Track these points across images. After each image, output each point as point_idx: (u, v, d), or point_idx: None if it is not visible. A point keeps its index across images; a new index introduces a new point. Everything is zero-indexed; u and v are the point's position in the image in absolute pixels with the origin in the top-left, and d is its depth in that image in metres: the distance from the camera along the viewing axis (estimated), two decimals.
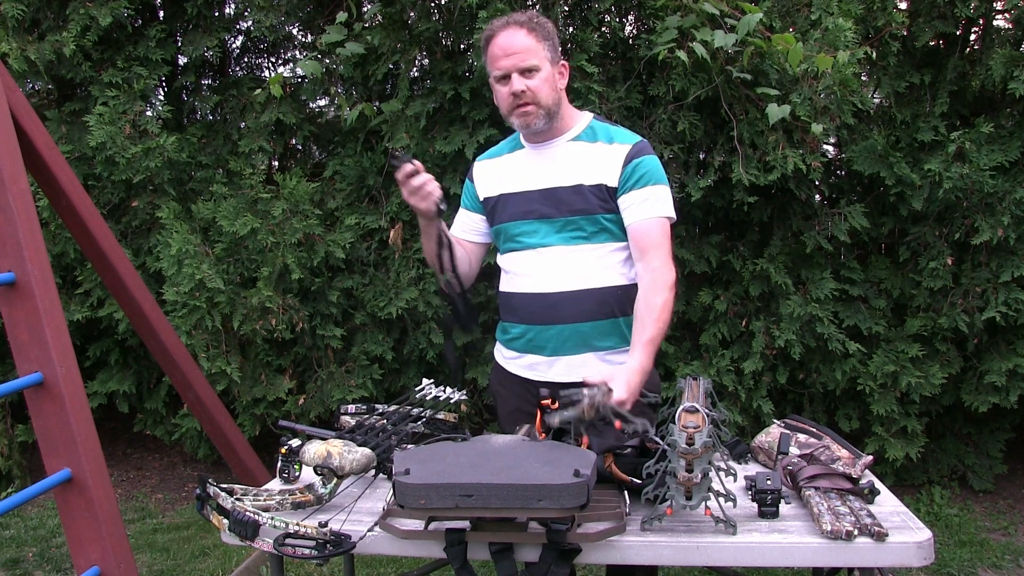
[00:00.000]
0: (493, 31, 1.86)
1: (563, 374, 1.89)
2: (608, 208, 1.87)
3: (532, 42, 1.83)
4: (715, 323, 3.49)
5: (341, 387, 3.60)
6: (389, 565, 3.23)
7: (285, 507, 1.63)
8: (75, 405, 1.95)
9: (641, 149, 1.89)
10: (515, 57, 1.82)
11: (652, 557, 1.47)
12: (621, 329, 1.91)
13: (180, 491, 4.18)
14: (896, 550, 1.40)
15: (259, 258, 3.56)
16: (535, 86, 1.83)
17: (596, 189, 1.87)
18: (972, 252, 3.38)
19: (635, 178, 1.86)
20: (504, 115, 1.92)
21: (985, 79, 3.34)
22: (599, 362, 1.89)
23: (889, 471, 3.49)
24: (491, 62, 1.87)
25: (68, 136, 3.86)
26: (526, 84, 1.83)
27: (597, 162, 1.89)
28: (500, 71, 1.85)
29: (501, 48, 1.83)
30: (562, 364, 1.89)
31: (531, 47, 1.82)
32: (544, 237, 1.89)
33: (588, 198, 1.87)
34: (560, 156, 1.92)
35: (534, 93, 1.83)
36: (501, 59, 1.84)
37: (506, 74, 1.84)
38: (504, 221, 1.96)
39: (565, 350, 1.89)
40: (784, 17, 3.26)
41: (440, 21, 3.50)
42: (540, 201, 1.90)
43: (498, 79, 1.87)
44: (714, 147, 3.32)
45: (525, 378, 1.95)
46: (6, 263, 1.99)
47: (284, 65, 4.41)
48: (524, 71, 1.82)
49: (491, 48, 1.86)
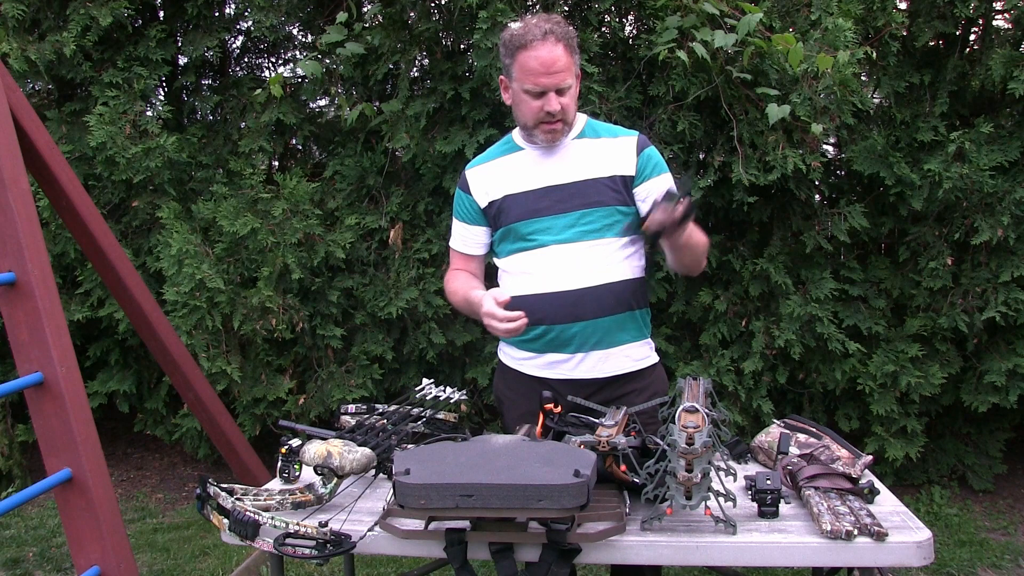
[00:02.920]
0: (528, 40, 1.79)
1: (587, 370, 1.90)
2: (622, 200, 1.88)
3: (569, 59, 1.81)
4: (715, 323, 3.49)
5: (341, 387, 3.60)
6: (389, 565, 3.23)
7: (285, 507, 1.63)
8: (75, 405, 1.95)
9: (646, 140, 1.94)
10: (556, 77, 1.79)
11: (652, 557, 1.47)
12: (638, 321, 1.94)
13: (180, 491, 4.18)
14: (896, 550, 1.41)
15: (259, 258, 3.56)
16: (567, 104, 1.83)
17: (610, 181, 1.88)
18: (972, 252, 3.39)
19: (650, 167, 1.91)
20: (523, 123, 1.89)
21: (985, 79, 3.34)
22: (621, 356, 1.91)
23: (889, 471, 3.49)
24: (524, 73, 1.81)
25: (68, 136, 3.87)
26: (561, 103, 1.81)
27: (608, 155, 1.89)
28: (538, 87, 1.80)
29: (542, 64, 1.78)
30: (586, 360, 1.90)
31: (569, 66, 1.81)
32: (558, 233, 1.87)
33: (602, 190, 1.87)
34: (567, 154, 1.91)
35: (565, 111, 1.83)
36: (541, 76, 1.79)
37: (543, 91, 1.81)
38: (512, 221, 1.92)
39: (589, 346, 1.89)
40: (784, 17, 3.27)
41: (440, 21, 3.51)
42: (550, 197, 1.89)
43: (531, 93, 1.82)
44: (714, 147, 3.32)
45: (540, 378, 1.94)
46: (6, 263, 1.99)
47: (284, 65, 4.41)
48: (559, 90, 1.81)
49: (526, 60, 1.79)
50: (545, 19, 1.83)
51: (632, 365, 1.94)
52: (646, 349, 1.99)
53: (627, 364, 1.93)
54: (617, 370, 1.92)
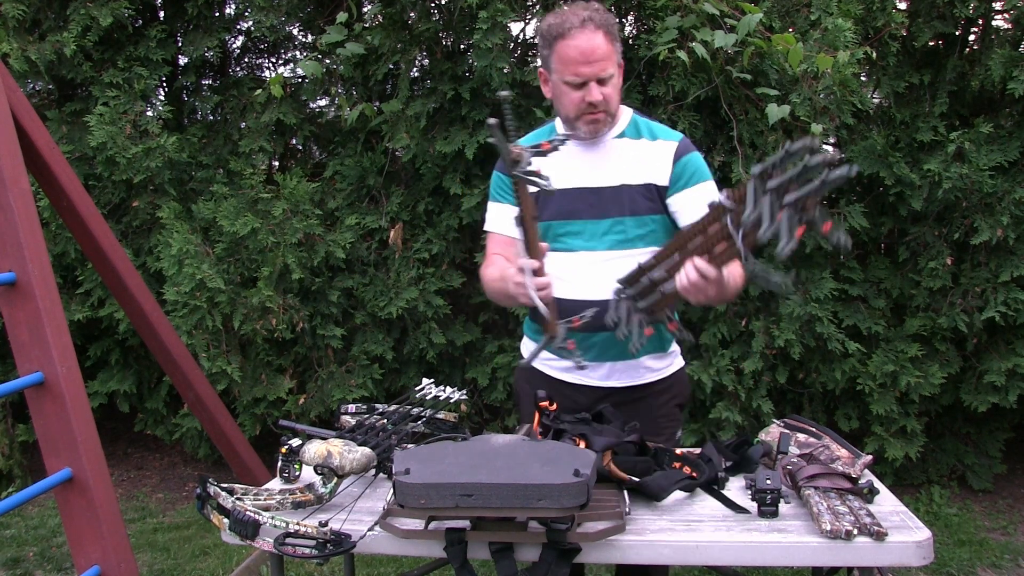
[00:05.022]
0: (566, 28, 1.72)
1: (603, 378, 1.89)
2: (655, 209, 1.83)
3: (609, 47, 1.73)
4: (715, 323, 3.49)
5: (341, 387, 3.60)
6: (389, 564, 3.23)
7: (285, 506, 1.63)
8: (76, 405, 1.96)
9: (687, 146, 1.86)
10: (597, 66, 1.73)
11: (651, 557, 1.47)
12: (661, 333, 1.89)
13: (180, 490, 4.18)
14: (895, 550, 1.40)
15: (259, 258, 3.56)
16: (609, 94, 1.77)
17: (644, 189, 1.82)
18: (971, 252, 3.39)
19: (686, 176, 1.82)
20: (565, 117, 1.83)
21: (984, 79, 3.34)
22: (641, 368, 1.90)
23: (888, 471, 3.49)
24: (563, 63, 1.74)
25: (69, 136, 3.87)
26: (603, 93, 1.75)
27: (644, 160, 1.83)
28: (578, 78, 1.74)
29: (582, 53, 1.71)
30: (605, 369, 1.89)
31: (610, 54, 1.74)
32: (589, 240, 1.84)
33: (636, 199, 1.82)
34: (608, 154, 1.85)
35: (607, 102, 1.77)
36: (581, 65, 1.72)
37: (584, 81, 1.75)
38: (548, 219, 1.84)
39: (609, 356, 1.87)
40: (784, 17, 3.27)
41: (440, 21, 3.51)
42: (587, 200, 1.84)
43: (572, 84, 1.76)
44: (714, 147, 3.32)
45: (563, 380, 1.93)
46: (7, 263, 2.00)
47: (284, 65, 4.42)
48: (600, 80, 1.74)
49: (565, 49, 1.73)
50: (583, 6, 1.75)
51: (651, 376, 1.93)
52: (668, 359, 1.97)
53: (646, 375, 1.92)
54: (634, 380, 1.91)
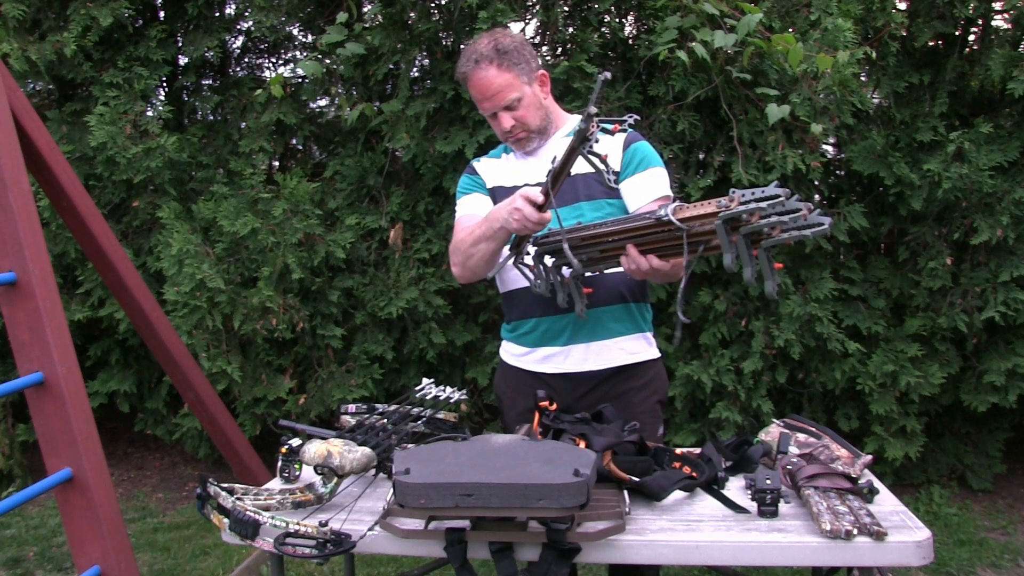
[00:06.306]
0: (465, 72, 1.87)
1: (579, 363, 1.91)
2: (610, 194, 1.88)
3: (504, 76, 1.84)
4: (715, 323, 3.49)
5: (341, 387, 3.60)
6: (389, 564, 3.24)
7: (285, 506, 1.63)
8: (76, 405, 1.96)
9: (635, 136, 1.93)
10: (495, 99, 1.85)
11: (652, 556, 1.47)
12: (633, 314, 1.94)
13: (180, 490, 4.18)
14: (895, 549, 1.41)
15: (259, 258, 3.56)
16: (521, 115, 1.87)
17: (597, 175, 1.83)
18: (971, 252, 3.39)
19: (636, 162, 1.89)
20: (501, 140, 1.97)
21: (984, 79, 3.34)
22: (615, 348, 1.91)
23: (888, 470, 3.50)
24: (475, 101, 1.91)
25: (69, 136, 3.87)
26: (513, 118, 1.87)
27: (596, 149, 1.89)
28: (486, 112, 1.90)
29: (479, 91, 1.86)
30: (578, 352, 1.90)
31: (505, 83, 1.84)
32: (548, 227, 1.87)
33: (591, 184, 1.87)
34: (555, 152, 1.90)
35: (523, 122, 1.88)
36: (483, 102, 1.88)
37: (493, 112, 1.88)
38: None
39: (580, 338, 1.90)
40: (784, 17, 3.27)
41: (440, 21, 3.51)
42: None
43: (488, 116, 1.92)
44: (714, 147, 3.32)
45: (536, 373, 1.95)
46: (7, 263, 2.00)
47: (284, 65, 4.42)
48: (507, 107, 1.86)
49: (470, 90, 1.90)
50: (483, 38, 1.87)
51: (627, 358, 1.93)
52: (643, 343, 1.98)
53: (621, 357, 1.92)
54: (610, 363, 1.91)
